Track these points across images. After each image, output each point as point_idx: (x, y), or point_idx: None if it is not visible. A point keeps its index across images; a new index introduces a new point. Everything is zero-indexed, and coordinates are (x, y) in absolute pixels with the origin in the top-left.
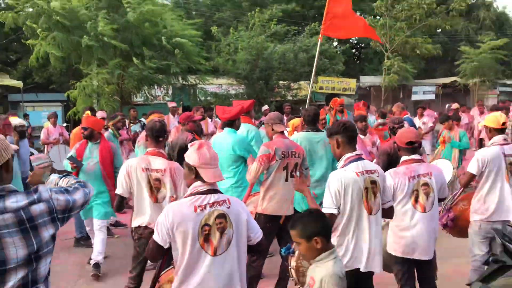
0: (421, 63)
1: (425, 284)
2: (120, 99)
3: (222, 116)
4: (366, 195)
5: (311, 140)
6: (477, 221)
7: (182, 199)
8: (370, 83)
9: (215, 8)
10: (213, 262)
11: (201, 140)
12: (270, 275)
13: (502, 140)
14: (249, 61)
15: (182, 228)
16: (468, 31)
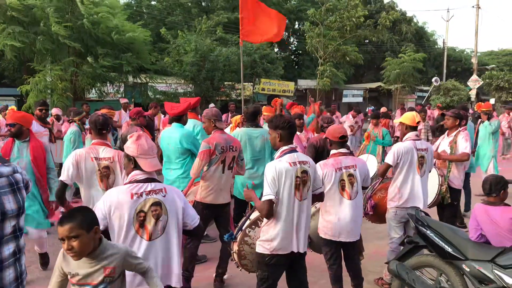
0: (350, 70)
1: (350, 263)
2: (73, 95)
3: (170, 111)
4: (297, 183)
5: (251, 135)
6: (393, 207)
7: (121, 186)
8: (306, 86)
9: (166, 12)
10: (148, 246)
11: (139, 132)
12: (212, 258)
13: (414, 136)
14: (196, 63)
15: (118, 213)
16: (392, 42)
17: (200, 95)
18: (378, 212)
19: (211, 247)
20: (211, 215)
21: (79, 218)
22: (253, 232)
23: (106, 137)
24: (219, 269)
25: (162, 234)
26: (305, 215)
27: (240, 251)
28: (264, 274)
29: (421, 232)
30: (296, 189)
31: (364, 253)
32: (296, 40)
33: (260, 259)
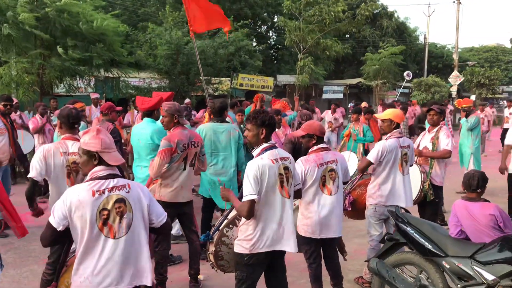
0: (331, 65)
1: (330, 262)
2: (40, 90)
3: (141, 106)
4: (281, 180)
5: (216, 130)
6: (372, 204)
7: (81, 184)
8: (286, 81)
9: (139, 3)
10: (112, 245)
11: (96, 127)
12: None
13: (398, 133)
14: (170, 56)
15: (79, 212)
16: (374, 37)
17: (175, 90)
18: (356, 208)
19: (187, 247)
20: (172, 213)
21: None
22: (231, 231)
23: (76, 132)
24: (191, 270)
25: (128, 232)
26: (289, 211)
27: (217, 252)
28: (242, 274)
29: (401, 229)
30: (280, 187)
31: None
32: (275, 34)
33: (238, 259)
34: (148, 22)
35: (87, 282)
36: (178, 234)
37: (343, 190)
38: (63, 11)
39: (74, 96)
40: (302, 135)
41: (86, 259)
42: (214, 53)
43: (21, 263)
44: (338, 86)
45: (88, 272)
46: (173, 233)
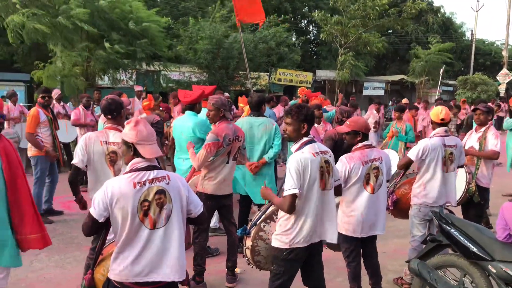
0: (372, 61)
1: (369, 261)
2: (85, 81)
3: (184, 99)
4: (321, 173)
5: (252, 124)
6: (417, 204)
7: (121, 175)
8: (325, 77)
9: None
10: (152, 235)
11: (137, 118)
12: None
13: (443, 132)
14: (210, 50)
15: (121, 204)
16: (418, 33)
17: (215, 84)
18: (399, 208)
19: (224, 239)
20: (214, 206)
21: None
22: (269, 226)
23: (119, 122)
24: (228, 262)
25: (167, 223)
26: (331, 205)
27: (254, 247)
28: (280, 269)
29: (444, 230)
30: (321, 180)
31: (383, 251)
32: (315, 29)
33: (277, 254)
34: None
35: (127, 271)
36: (216, 226)
37: (387, 190)
38: (114, 7)
39: (117, 89)
40: (347, 132)
41: (126, 249)
42: (254, 47)
43: (65, 249)
44: (379, 82)
45: (127, 261)
46: (211, 225)
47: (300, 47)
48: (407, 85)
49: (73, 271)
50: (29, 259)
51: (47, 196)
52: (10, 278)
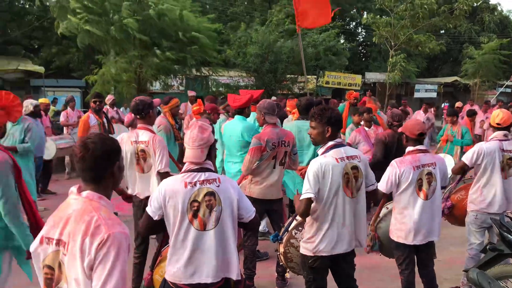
0: (423, 62)
1: (424, 269)
2: (137, 87)
3: (233, 104)
4: (347, 179)
5: (301, 128)
6: (473, 211)
7: (177, 175)
8: (375, 79)
9: (228, 3)
10: (202, 237)
11: (198, 122)
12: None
13: (502, 136)
14: (259, 54)
15: (172, 202)
16: (471, 32)
17: (262, 88)
18: (455, 214)
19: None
20: (261, 210)
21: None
22: (300, 234)
23: (148, 121)
24: (278, 267)
25: (217, 225)
26: (358, 213)
27: (286, 253)
28: (309, 276)
29: (506, 239)
30: (346, 186)
31: (438, 260)
32: (363, 31)
33: (304, 261)
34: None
35: (179, 272)
36: (265, 230)
37: (443, 195)
38: (163, 15)
39: (167, 94)
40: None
41: (178, 249)
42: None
43: None
44: (431, 84)
45: (180, 262)
46: (260, 229)
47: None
48: (460, 87)
49: (129, 271)
50: None
51: None
52: None
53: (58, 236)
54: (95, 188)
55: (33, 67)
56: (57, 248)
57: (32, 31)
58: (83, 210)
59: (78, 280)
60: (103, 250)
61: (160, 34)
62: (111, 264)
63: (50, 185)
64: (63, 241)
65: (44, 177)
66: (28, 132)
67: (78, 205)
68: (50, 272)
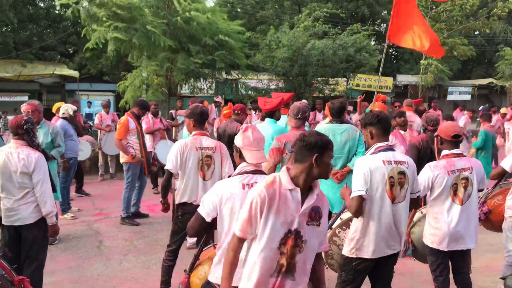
0: (457, 64)
1: (459, 276)
2: (168, 91)
3: (263, 107)
4: (391, 184)
5: (335, 131)
6: (511, 217)
7: (231, 177)
8: (407, 81)
9: (258, 7)
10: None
11: (248, 124)
12: None
13: None
14: (288, 58)
15: (229, 204)
16: (507, 33)
17: (292, 91)
18: (492, 220)
19: None
20: None
21: None
22: (343, 233)
23: (205, 128)
24: None
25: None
26: (401, 219)
27: (328, 250)
28: (348, 277)
29: None
30: (390, 190)
31: (473, 267)
32: None
33: (345, 261)
34: (266, 24)
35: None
36: None
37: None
38: (191, 20)
39: (197, 97)
40: (436, 136)
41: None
42: (333, 54)
43: (151, 251)
44: (465, 86)
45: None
46: None
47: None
48: (496, 89)
49: (158, 271)
50: (118, 259)
51: (135, 200)
52: (101, 276)
53: None
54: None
55: (68, 71)
56: None
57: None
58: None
59: None
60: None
61: (189, 39)
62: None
63: (84, 186)
64: None
65: (77, 179)
66: (57, 136)
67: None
68: None
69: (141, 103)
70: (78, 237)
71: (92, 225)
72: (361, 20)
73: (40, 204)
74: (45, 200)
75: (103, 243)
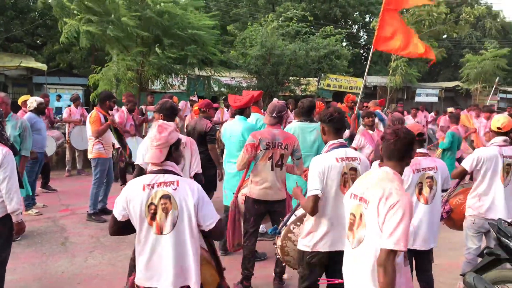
0: (425, 67)
1: (422, 274)
2: (139, 86)
3: (233, 104)
4: (345, 180)
5: (304, 130)
6: (471, 216)
7: (139, 177)
8: (376, 83)
9: (232, 4)
10: (159, 241)
11: (159, 122)
12: (273, 256)
13: (502, 141)
14: (262, 55)
15: (132, 204)
16: (472, 38)
17: (264, 90)
18: (453, 218)
19: (271, 244)
20: (262, 210)
21: None
22: (298, 229)
23: (175, 123)
24: (277, 268)
25: (173, 230)
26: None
27: (284, 247)
28: (305, 272)
29: (503, 243)
30: (343, 186)
31: (435, 264)
32: (365, 34)
33: (301, 256)
34: (239, 22)
35: (141, 275)
36: (263, 231)
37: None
38: (163, 13)
39: (168, 93)
40: None
41: (140, 252)
42: (305, 54)
43: (117, 247)
44: (432, 89)
45: (141, 265)
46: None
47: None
48: (461, 92)
49: (124, 268)
50: (84, 256)
51: (102, 196)
52: (65, 273)
53: (361, 194)
54: (393, 166)
55: (35, 64)
56: (360, 203)
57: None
58: (381, 179)
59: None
60: (393, 210)
61: (162, 31)
62: (398, 222)
63: (50, 181)
64: (365, 199)
65: (43, 174)
66: (25, 131)
67: (379, 175)
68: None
69: (107, 94)
70: (43, 233)
71: (57, 221)
72: (333, 21)
73: (6, 201)
74: (12, 197)
75: (69, 239)
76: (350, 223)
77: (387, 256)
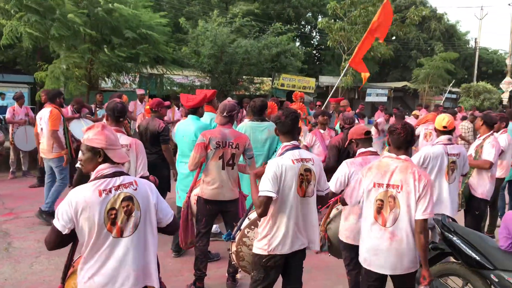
0: (375, 68)
1: None
2: (88, 84)
3: (186, 103)
4: (301, 181)
5: (255, 129)
6: None
7: (86, 184)
8: (328, 83)
9: (185, 2)
10: (119, 244)
11: (103, 123)
12: (226, 257)
13: (447, 140)
14: (214, 54)
15: (86, 214)
16: (419, 40)
17: (218, 88)
18: None
19: (225, 244)
20: (213, 211)
21: None
22: (252, 232)
23: (122, 125)
24: (230, 268)
25: (135, 231)
26: (309, 213)
27: (238, 252)
28: (259, 275)
29: (447, 238)
30: (299, 187)
31: None
32: (318, 34)
33: (256, 260)
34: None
35: (91, 282)
36: (217, 231)
37: None
38: (112, 11)
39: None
40: (350, 141)
41: (92, 259)
42: (258, 53)
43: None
44: (382, 89)
45: (92, 272)
46: (212, 230)
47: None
48: (410, 92)
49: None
50: (29, 262)
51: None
52: (9, 280)
53: (387, 182)
54: (403, 154)
55: None
56: (386, 189)
57: None
58: (406, 166)
59: (410, 206)
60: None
61: (112, 30)
62: (429, 197)
63: None
64: (396, 185)
65: None
66: None
67: (399, 163)
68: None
69: (56, 91)
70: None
71: (0, 226)
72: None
73: None
74: None
75: (12, 244)
76: (378, 207)
77: (424, 224)
